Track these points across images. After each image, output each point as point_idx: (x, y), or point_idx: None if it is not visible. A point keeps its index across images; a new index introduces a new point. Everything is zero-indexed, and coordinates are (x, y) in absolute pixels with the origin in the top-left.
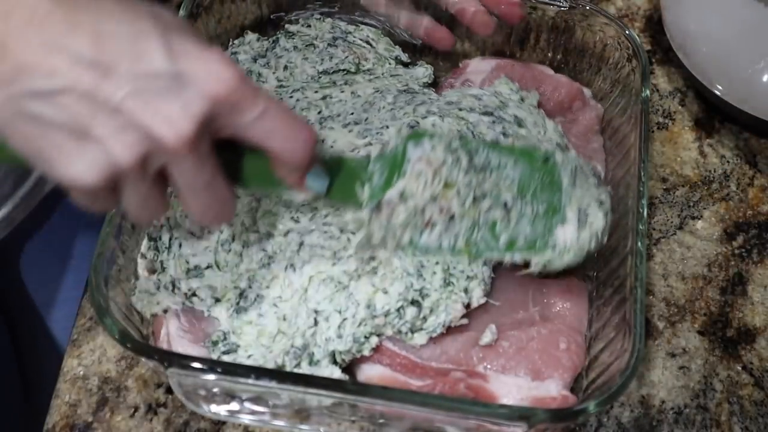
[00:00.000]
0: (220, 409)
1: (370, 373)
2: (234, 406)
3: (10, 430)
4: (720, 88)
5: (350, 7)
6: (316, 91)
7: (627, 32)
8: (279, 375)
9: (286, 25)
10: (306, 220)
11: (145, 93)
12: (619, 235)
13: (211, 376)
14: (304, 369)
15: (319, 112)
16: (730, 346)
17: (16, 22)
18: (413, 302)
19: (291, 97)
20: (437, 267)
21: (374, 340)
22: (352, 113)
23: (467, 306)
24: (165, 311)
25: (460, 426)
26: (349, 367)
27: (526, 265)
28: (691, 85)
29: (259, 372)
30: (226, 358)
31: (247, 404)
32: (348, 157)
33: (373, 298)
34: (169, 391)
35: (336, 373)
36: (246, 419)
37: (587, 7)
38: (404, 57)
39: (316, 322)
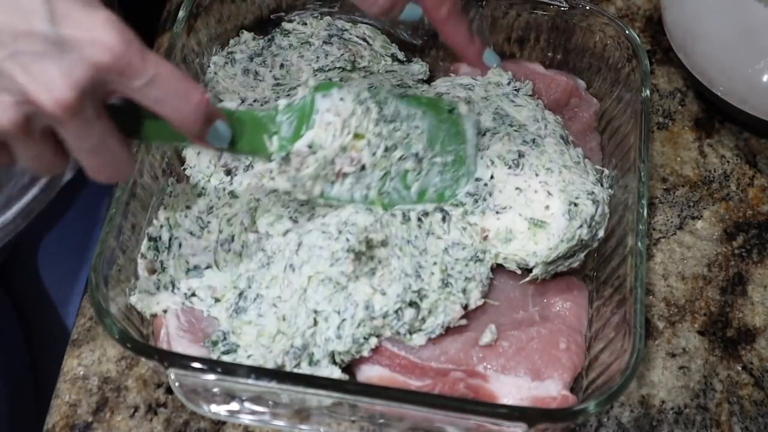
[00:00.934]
0: (220, 409)
1: (370, 373)
2: (234, 406)
3: (24, 426)
4: (720, 88)
5: (350, 7)
6: None
7: (627, 32)
8: (279, 375)
9: (283, 23)
10: (304, 221)
11: (24, 55)
12: (619, 235)
13: (211, 376)
14: (304, 369)
15: None
16: (730, 346)
17: None
18: (411, 303)
19: (288, 95)
20: (435, 268)
21: (373, 341)
22: None
23: (465, 307)
24: (165, 311)
25: (460, 426)
26: (349, 368)
27: (529, 271)
28: (691, 85)
29: (259, 372)
30: (225, 358)
31: (247, 404)
32: (256, 111)
33: (372, 300)
34: (169, 391)
35: (336, 373)
36: (246, 419)
37: (587, 7)
38: (400, 55)
39: (315, 323)
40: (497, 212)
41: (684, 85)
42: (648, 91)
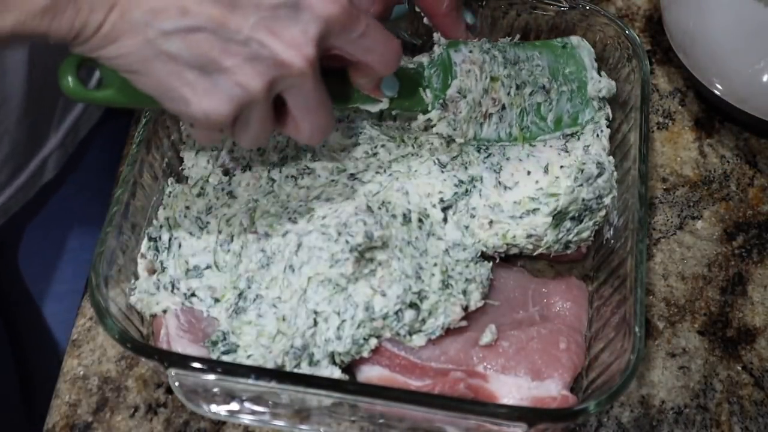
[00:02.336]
0: (220, 409)
1: (370, 374)
2: (234, 406)
3: (8, 425)
4: (720, 88)
5: None
6: None
7: (627, 32)
8: (279, 375)
9: None
10: (303, 222)
11: (268, 22)
12: (619, 235)
13: (211, 376)
14: (304, 369)
15: None
16: (730, 346)
17: None
18: (411, 305)
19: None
20: (435, 269)
21: (373, 342)
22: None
23: (465, 308)
24: (164, 311)
25: (460, 426)
26: (349, 368)
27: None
28: (691, 85)
29: (259, 372)
30: (225, 359)
31: (247, 404)
32: (406, 66)
33: (372, 301)
34: (169, 391)
35: (336, 374)
36: (246, 419)
37: (587, 7)
38: None
39: (315, 323)
40: (506, 188)
41: (684, 85)
42: (648, 91)
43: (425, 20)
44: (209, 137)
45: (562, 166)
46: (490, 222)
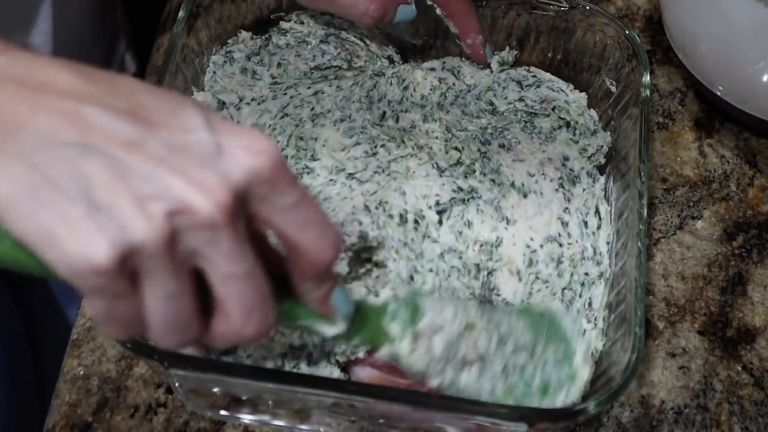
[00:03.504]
0: (220, 409)
1: (361, 375)
2: (234, 406)
3: (28, 426)
4: (720, 88)
5: None
6: (309, 87)
7: (627, 32)
8: (279, 375)
9: (280, 22)
10: None
11: (179, 162)
12: (619, 234)
13: (211, 376)
14: (303, 369)
15: (312, 109)
16: (730, 346)
17: (48, 95)
18: None
19: (285, 94)
20: (430, 275)
21: None
22: (337, 109)
23: None
24: None
25: (460, 426)
26: (344, 369)
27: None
28: (691, 85)
29: (259, 372)
30: (225, 359)
31: (247, 404)
32: (366, 301)
33: (365, 301)
34: (169, 391)
35: (335, 373)
36: (246, 419)
37: (587, 7)
38: (396, 57)
39: None
40: (503, 218)
41: (684, 85)
42: (648, 92)
43: (437, 12)
44: (103, 310)
45: (559, 218)
46: (480, 246)
